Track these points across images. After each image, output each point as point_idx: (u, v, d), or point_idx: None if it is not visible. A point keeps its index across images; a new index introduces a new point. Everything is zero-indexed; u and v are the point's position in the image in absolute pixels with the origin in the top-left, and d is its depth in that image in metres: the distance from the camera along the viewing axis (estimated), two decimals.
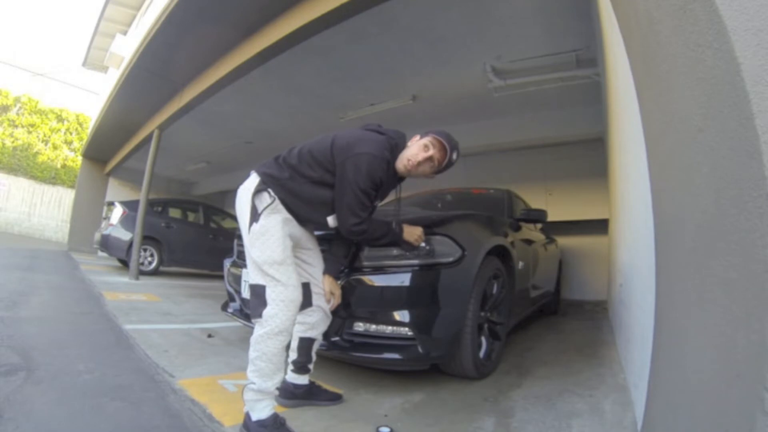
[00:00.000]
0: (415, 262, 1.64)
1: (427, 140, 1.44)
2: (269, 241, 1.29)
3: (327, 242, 1.62)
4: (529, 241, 2.81)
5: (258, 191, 1.34)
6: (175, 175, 11.00)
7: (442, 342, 1.67)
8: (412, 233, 1.56)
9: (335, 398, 1.56)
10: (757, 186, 0.53)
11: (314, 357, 1.55)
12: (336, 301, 1.53)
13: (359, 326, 1.65)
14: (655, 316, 1.11)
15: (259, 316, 1.27)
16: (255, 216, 1.31)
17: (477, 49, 3.86)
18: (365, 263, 1.68)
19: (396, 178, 1.50)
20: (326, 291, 1.51)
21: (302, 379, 1.54)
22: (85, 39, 9.08)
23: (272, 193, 1.33)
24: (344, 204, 1.34)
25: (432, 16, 3.37)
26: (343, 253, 1.62)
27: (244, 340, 2.41)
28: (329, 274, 1.53)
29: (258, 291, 1.29)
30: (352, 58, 4.19)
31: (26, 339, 1.97)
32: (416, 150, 1.43)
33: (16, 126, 11.81)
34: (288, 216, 1.37)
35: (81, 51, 9.34)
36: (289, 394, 1.50)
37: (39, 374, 1.55)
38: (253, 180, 1.37)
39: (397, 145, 1.44)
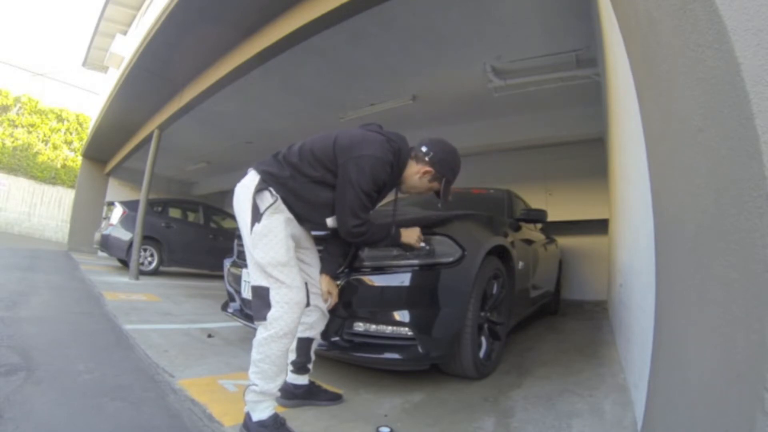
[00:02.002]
0: (415, 262, 1.64)
1: (425, 169, 1.46)
2: (273, 242, 1.27)
3: (323, 241, 1.62)
4: (529, 241, 2.81)
5: (259, 190, 1.31)
6: (175, 175, 11.00)
7: (442, 342, 1.67)
8: (411, 235, 1.55)
9: (335, 398, 1.56)
10: (757, 186, 0.53)
11: (313, 357, 1.55)
12: (333, 300, 1.53)
13: (359, 326, 1.65)
14: (655, 316, 1.11)
15: (263, 318, 1.24)
16: (257, 216, 1.29)
17: (477, 49, 3.86)
18: (365, 263, 1.68)
19: (396, 181, 1.49)
20: (323, 291, 1.50)
21: (302, 379, 1.53)
22: (85, 39, 9.09)
23: (274, 192, 1.31)
24: (345, 205, 1.32)
25: (432, 16, 3.37)
26: (340, 252, 1.61)
27: (244, 340, 2.41)
28: (326, 274, 1.52)
29: (261, 293, 1.27)
30: (352, 58, 4.19)
31: (26, 339, 1.97)
32: (417, 182, 1.48)
33: (16, 126, 11.81)
34: (290, 216, 1.35)
35: (81, 51, 9.34)
36: (289, 394, 1.50)
37: (39, 374, 1.55)
38: (253, 178, 1.34)
39: (400, 149, 1.42)
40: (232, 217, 7.23)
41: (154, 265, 5.82)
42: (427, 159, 1.45)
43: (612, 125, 3.07)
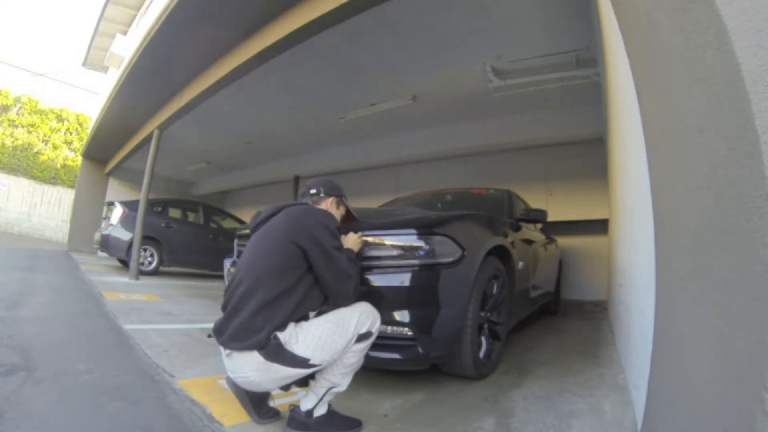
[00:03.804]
0: (416, 262, 1.64)
1: (330, 200, 1.57)
2: None
3: None
4: (529, 241, 2.81)
5: None
6: (175, 175, 11.00)
7: (442, 342, 1.67)
8: (355, 243, 1.56)
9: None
10: (757, 186, 0.53)
11: None
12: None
13: None
14: (655, 316, 1.11)
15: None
16: None
17: (477, 49, 3.86)
18: (364, 263, 1.68)
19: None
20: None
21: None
22: (85, 39, 9.09)
23: None
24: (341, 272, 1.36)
25: (432, 16, 3.37)
26: None
27: None
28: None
29: None
30: (352, 58, 4.19)
31: (26, 339, 1.97)
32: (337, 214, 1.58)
33: (16, 126, 11.81)
34: None
35: (81, 51, 9.35)
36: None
37: (39, 374, 1.55)
38: None
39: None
40: (232, 217, 7.28)
41: (154, 265, 5.82)
42: (323, 194, 1.57)
43: (612, 125, 3.07)
